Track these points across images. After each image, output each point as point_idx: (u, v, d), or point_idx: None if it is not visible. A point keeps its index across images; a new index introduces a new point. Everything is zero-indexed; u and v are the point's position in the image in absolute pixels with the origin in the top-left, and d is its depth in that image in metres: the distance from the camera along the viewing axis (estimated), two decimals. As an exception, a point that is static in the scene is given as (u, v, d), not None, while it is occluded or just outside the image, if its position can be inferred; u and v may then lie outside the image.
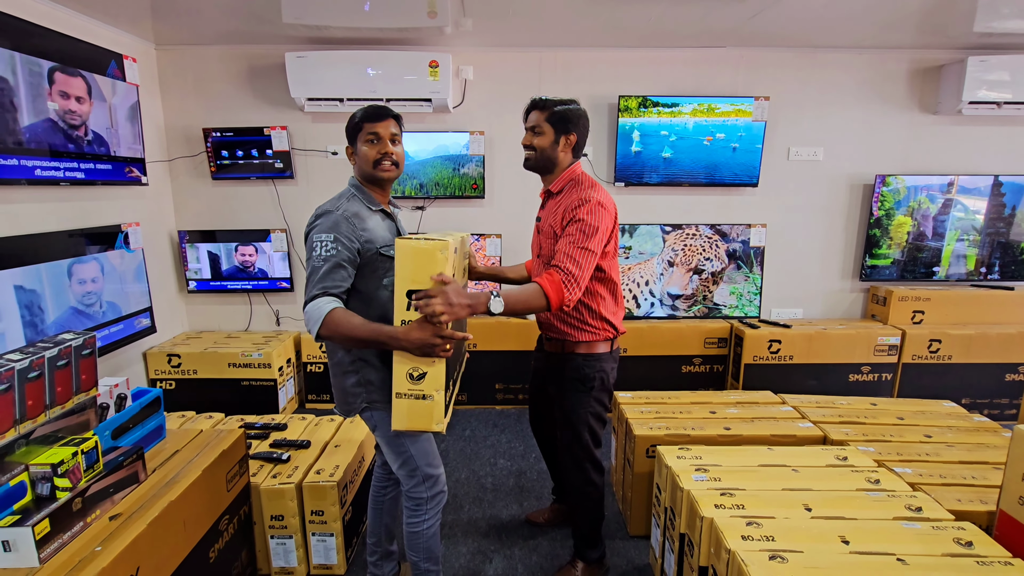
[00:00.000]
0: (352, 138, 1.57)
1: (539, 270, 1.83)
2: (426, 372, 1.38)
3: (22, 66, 2.20)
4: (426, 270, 1.33)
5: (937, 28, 2.95)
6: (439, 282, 1.33)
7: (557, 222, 1.71)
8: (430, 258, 1.32)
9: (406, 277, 1.34)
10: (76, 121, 2.49)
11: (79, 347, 1.41)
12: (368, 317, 1.43)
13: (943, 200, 3.29)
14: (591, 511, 1.92)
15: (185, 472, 1.57)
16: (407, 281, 1.34)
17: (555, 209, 1.74)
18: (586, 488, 1.88)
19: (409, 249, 1.33)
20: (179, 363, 3.11)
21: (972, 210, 3.30)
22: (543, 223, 1.81)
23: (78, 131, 2.51)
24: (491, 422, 3.28)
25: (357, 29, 2.88)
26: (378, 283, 1.52)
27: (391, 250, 1.52)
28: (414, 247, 1.33)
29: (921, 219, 3.31)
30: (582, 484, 1.88)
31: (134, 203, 2.99)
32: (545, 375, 1.94)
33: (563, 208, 1.70)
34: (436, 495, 1.64)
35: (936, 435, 2.12)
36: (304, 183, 3.38)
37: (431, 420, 1.40)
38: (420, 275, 1.33)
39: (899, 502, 1.61)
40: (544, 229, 1.79)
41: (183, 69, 3.21)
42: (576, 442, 1.85)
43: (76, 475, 1.30)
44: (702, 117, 3.21)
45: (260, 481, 1.93)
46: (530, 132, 1.76)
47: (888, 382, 3.22)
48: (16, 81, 2.18)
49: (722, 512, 1.55)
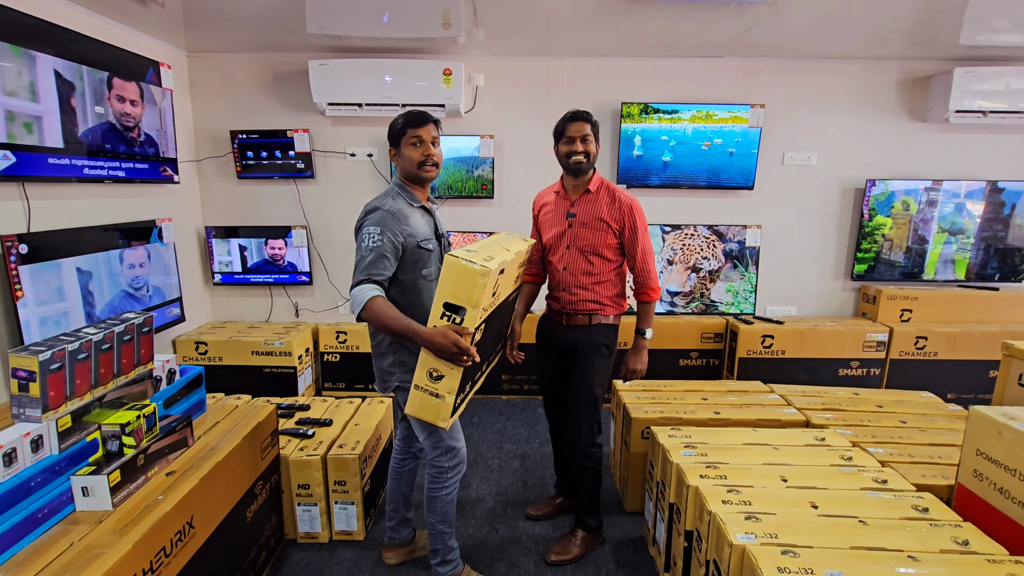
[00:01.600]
0: (396, 141, 1.75)
1: (569, 259, 2.06)
2: (444, 375, 1.49)
3: (87, 73, 2.44)
4: (466, 289, 1.42)
5: (926, 40, 3.11)
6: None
7: (609, 216, 2.00)
8: (471, 281, 1.41)
9: (446, 290, 1.44)
10: (130, 123, 2.73)
11: (140, 325, 1.61)
12: (405, 303, 1.66)
13: (930, 203, 3.45)
14: (595, 475, 2.12)
15: (227, 440, 1.77)
16: (446, 294, 1.44)
17: (594, 203, 2.03)
18: (590, 449, 2.09)
19: (454, 267, 1.41)
20: (206, 350, 3.31)
21: (959, 213, 3.45)
22: (584, 217, 2.03)
23: (132, 132, 2.74)
24: (497, 410, 3.46)
25: (376, 39, 3.07)
26: (417, 273, 1.71)
27: (430, 243, 1.73)
28: (459, 267, 1.41)
29: (909, 221, 3.47)
30: (588, 446, 2.08)
31: (167, 200, 3.20)
32: (565, 346, 2.11)
33: (607, 206, 2.01)
34: (456, 465, 1.83)
35: (911, 421, 2.28)
36: (324, 183, 3.58)
37: (438, 416, 1.52)
38: (460, 292, 1.43)
39: (867, 476, 1.78)
40: (590, 223, 2.03)
41: (212, 75, 3.42)
42: (589, 404, 2.06)
43: (139, 435, 1.50)
44: (701, 123, 3.38)
45: (288, 453, 2.12)
46: (580, 140, 1.99)
47: (876, 377, 3.38)
48: (82, 87, 2.43)
49: (706, 482, 1.73)
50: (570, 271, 2.07)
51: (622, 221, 2.02)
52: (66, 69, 2.35)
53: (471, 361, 1.47)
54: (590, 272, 2.04)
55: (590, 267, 2.04)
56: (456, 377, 1.50)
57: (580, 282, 2.06)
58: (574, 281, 2.06)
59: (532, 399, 3.64)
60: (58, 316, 2.34)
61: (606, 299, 2.07)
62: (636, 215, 2.02)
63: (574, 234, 2.06)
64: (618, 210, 2.02)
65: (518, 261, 1.83)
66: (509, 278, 1.75)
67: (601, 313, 2.07)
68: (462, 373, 1.50)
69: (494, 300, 1.62)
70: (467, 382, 1.62)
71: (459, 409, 1.65)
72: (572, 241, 2.06)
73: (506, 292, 1.80)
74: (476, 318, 1.45)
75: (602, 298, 2.06)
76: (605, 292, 2.06)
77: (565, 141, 2.02)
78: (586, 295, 2.06)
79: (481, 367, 1.78)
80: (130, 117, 2.74)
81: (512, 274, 1.78)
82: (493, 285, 1.50)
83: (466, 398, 1.71)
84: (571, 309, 2.09)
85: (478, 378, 1.81)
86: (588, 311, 2.07)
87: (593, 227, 2.03)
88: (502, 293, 1.72)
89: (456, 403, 1.56)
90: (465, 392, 1.65)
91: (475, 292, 1.42)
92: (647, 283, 2.06)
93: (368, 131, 3.50)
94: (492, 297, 1.57)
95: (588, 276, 2.05)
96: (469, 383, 1.68)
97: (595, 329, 2.07)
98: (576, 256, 2.06)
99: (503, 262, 1.54)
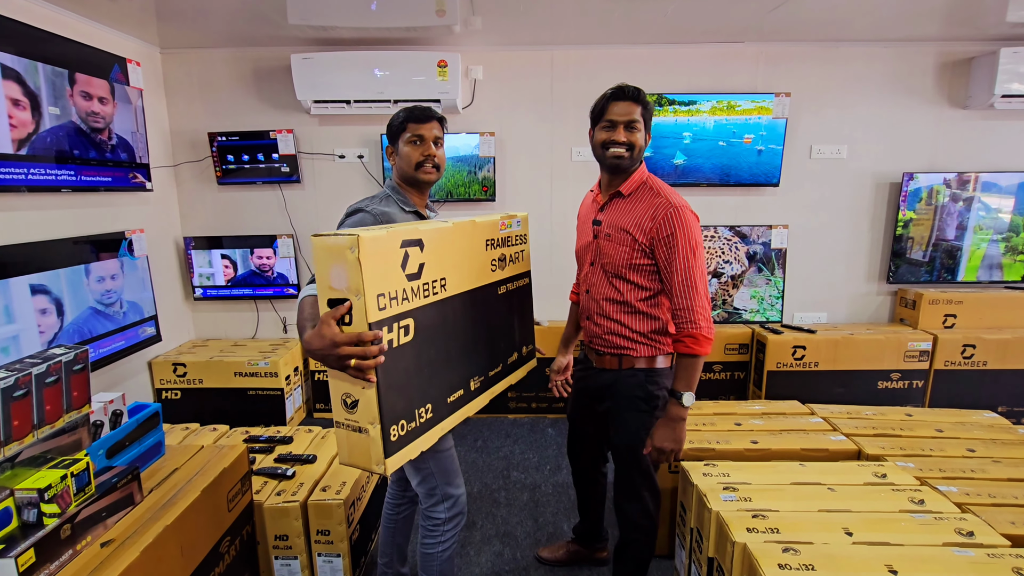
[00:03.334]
0: (394, 139, 1.52)
1: (593, 279, 1.69)
2: (357, 399, 1.13)
3: (43, 69, 2.19)
4: (341, 273, 1.07)
5: (967, 19, 2.81)
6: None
7: (636, 225, 1.56)
8: (340, 258, 1.06)
9: (323, 283, 1.10)
10: (99, 124, 2.47)
11: (70, 362, 1.34)
12: None
13: (973, 198, 3.14)
14: (643, 548, 1.76)
15: (184, 492, 1.49)
16: (324, 288, 1.10)
17: (625, 208, 1.59)
18: (642, 521, 1.73)
19: (320, 248, 1.07)
20: (184, 372, 3.04)
21: (1004, 209, 3.14)
22: (609, 227, 1.62)
23: (101, 135, 2.49)
24: (503, 431, 3.18)
25: (364, 29, 2.81)
26: None
27: None
28: (323, 246, 1.07)
29: (949, 218, 3.17)
30: (638, 517, 1.73)
31: (140, 209, 2.94)
32: (595, 394, 1.76)
33: (640, 212, 1.56)
34: (455, 517, 1.55)
35: (980, 449, 1.98)
36: (311, 187, 3.31)
37: (369, 459, 1.15)
38: (336, 280, 1.08)
39: (947, 525, 1.48)
40: (614, 235, 1.60)
41: (188, 73, 3.16)
42: (635, 468, 1.69)
43: (65, 499, 1.22)
44: (722, 116, 3.09)
45: (264, 499, 1.85)
46: (624, 128, 1.53)
47: (919, 390, 3.08)
48: (36, 82, 2.17)
49: (755, 536, 1.44)
50: (593, 295, 1.69)
51: (653, 233, 1.52)
52: (16, 64, 2.09)
53: (372, 371, 1.08)
54: (614, 299, 1.63)
55: (615, 293, 1.62)
56: (371, 398, 1.11)
57: (603, 310, 1.66)
58: (596, 308, 1.68)
59: (540, 418, 3.35)
60: (6, 342, 2.08)
61: (638, 335, 1.62)
62: (677, 226, 1.50)
63: (598, 248, 1.66)
64: (651, 219, 1.52)
65: (472, 232, 1.42)
66: (461, 253, 1.37)
67: (632, 353, 1.63)
68: (376, 391, 1.11)
69: (424, 283, 1.23)
70: (405, 401, 1.20)
71: (412, 444, 1.23)
72: (596, 256, 1.67)
73: (474, 275, 1.43)
74: (368, 310, 1.07)
75: (633, 333, 1.62)
76: (637, 326, 1.62)
77: (604, 126, 1.56)
78: (611, 327, 1.64)
79: (447, 378, 1.36)
80: (99, 117, 2.48)
81: (469, 247, 1.41)
82: (390, 261, 1.13)
83: (428, 427, 1.29)
84: (598, 345, 1.70)
85: (458, 399, 1.40)
86: (617, 349, 1.65)
87: (617, 240, 1.59)
88: (458, 275, 1.35)
89: (393, 436, 1.16)
90: (415, 417, 1.23)
91: (352, 273, 1.06)
92: (688, 326, 1.50)
93: (357, 130, 3.23)
94: (411, 278, 1.18)
95: (612, 304, 1.64)
96: (424, 403, 1.26)
97: (626, 376, 1.65)
98: (600, 276, 1.66)
99: (408, 231, 1.17)
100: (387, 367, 1.13)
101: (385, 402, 1.14)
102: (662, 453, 1.58)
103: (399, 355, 1.18)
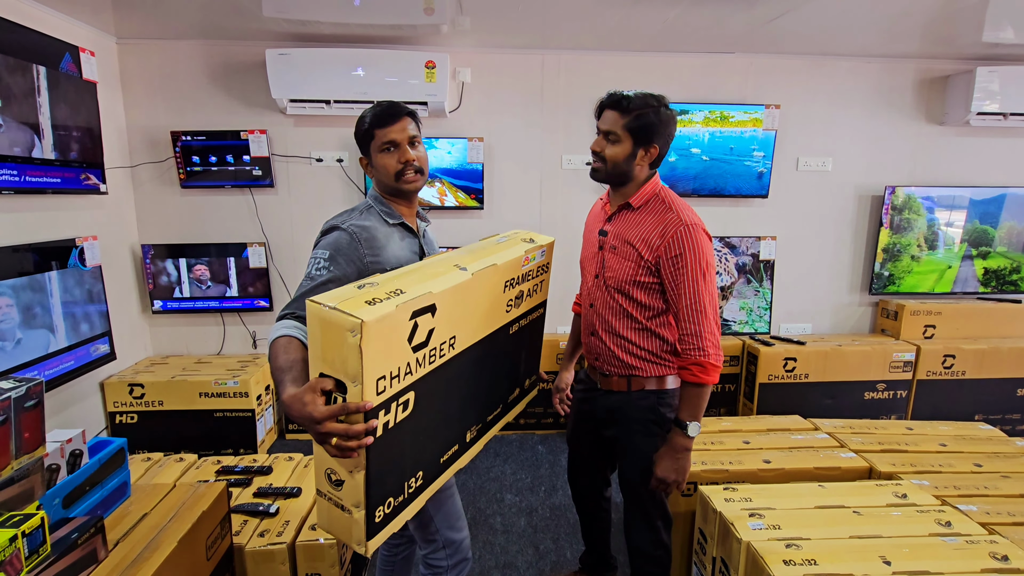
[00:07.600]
0: (364, 147, 1.33)
1: (597, 293, 1.58)
2: (343, 480, 1.00)
3: None
4: (337, 354, 0.91)
5: (945, 38, 2.88)
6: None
7: (641, 239, 1.47)
8: (339, 340, 0.89)
9: (316, 354, 0.95)
10: (47, 118, 2.20)
11: (20, 399, 1.12)
12: None
13: (950, 212, 3.23)
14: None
15: (156, 544, 1.29)
16: (318, 359, 0.95)
17: (636, 225, 1.50)
18: (655, 552, 1.63)
19: (317, 319, 0.92)
20: (142, 394, 2.76)
21: (980, 222, 3.24)
22: (615, 239, 1.53)
23: (51, 130, 2.21)
24: (492, 450, 3.03)
25: (346, 25, 2.64)
26: None
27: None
28: (322, 318, 0.91)
29: (928, 230, 3.24)
30: (650, 547, 1.63)
31: (92, 214, 2.66)
32: (600, 418, 1.65)
33: (648, 225, 1.47)
34: (458, 563, 1.40)
35: (986, 464, 1.98)
36: (285, 192, 3.09)
37: (350, 536, 1.04)
38: (331, 357, 0.93)
39: (981, 549, 1.44)
40: (619, 248, 1.51)
41: (149, 66, 2.90)
42: (648, 497, 1.60)
43: (15, 566, 1.01)
44: (715, 127, 3.06)
45: (245, 541, 1.64)
46: (603, 137, 1.47)
47: (903, 399, 3.12)
48: None
49: (794, 570, 1.35)
50: (597, 309, 1.59)
51: (660, 252, 1.42)
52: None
53: (356, 452, 0.94)
54: (620, 315, 1.54)
55: (620, 308, 1.53)
56: (358, 482, 0.97)
57: (609, 325, 1.55)
58: (600, 324, 1.58)
59: (529, 434, 3.22)
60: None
61: (647, 353, 1.53)
62: (687, 246, 1.40)
63: (602, 260, 1.57)
64: (660, 236, 1.43)
65: (492, 277, 1.21)
66: (476, 303, 1.18)
67: (641, 374, 1.53)
68: (364, 476, 0.96)
69: (432, 349, 1.06)
70: (396, 478, 1.07)
71: (398, 518, 1.11)
72: (601, 268, 1.58)
73: (487, 323, 1.24)
74: (365, 396, 0.92)
75: (641, 351, 1.53)
76: (645, 343, 1.53)
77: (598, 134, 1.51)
78: (618, 344, 1.55)
79: (443, 438, 1.21)
80: (46, 110, 2.21)
81: (486, 295, 1.21)
82: (396, 336, 0.96)
83: (417, 494, 1.15)
84: (603, 365, 1.60)
85: (452, 455, 1.25)
86: (625, 369, 1.54)
87: (622, 253, 1.50)
88: (470, 327, 1.17)
89: (378, 517, 1.04)
90: (403, 490, 1.10)
91: (351, 360, 0.89)
92: (695, 353, 1.41)
93: (337, 132, 3.04)
94: (418, 348, 1.01)
95: (619, 319, 1.54)
96: (416, 471, 1.12)
97: (637, 399, 1.54)
98: (603, 291, 1.56)
99: (421, 298, 0.99)
100: (380, 448, 0.98)
101: (374, 486, 1.00)
102: (663, 484, 1.51)
103: (395, 433, 1.02)
